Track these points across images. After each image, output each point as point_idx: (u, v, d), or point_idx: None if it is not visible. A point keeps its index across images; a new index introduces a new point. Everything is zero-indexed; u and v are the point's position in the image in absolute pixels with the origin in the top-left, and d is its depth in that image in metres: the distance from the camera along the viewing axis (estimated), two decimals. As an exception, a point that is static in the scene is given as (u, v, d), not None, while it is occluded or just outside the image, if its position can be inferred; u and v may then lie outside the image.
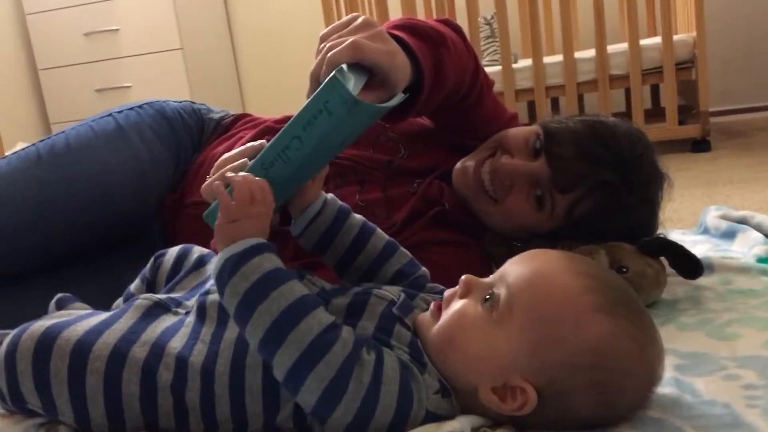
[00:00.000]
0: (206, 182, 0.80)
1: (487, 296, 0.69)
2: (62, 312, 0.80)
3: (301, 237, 0.84)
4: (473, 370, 0.67)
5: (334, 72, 0.76)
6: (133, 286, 0.90)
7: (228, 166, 0.79)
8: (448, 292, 0.73)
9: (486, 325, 0.67)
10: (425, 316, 0.73)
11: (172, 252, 0.89)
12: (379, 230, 0.85)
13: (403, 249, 0.84)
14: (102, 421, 0.71)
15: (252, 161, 0.77)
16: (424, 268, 0.84)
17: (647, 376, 0.68)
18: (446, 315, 0.70)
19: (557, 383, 0.64)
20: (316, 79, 0.82)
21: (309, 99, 0.75)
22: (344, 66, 0.79)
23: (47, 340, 0.71)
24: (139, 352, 0.72)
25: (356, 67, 0.81)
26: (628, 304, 0.68)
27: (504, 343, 0.65)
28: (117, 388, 0.70)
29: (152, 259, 0.90)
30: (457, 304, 0.70)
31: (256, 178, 0.74)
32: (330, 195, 0.85)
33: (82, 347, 0.71)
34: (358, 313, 0.72)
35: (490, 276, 0.72)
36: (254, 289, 0.66)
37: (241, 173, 0.74)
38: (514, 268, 0.70)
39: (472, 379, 0.67)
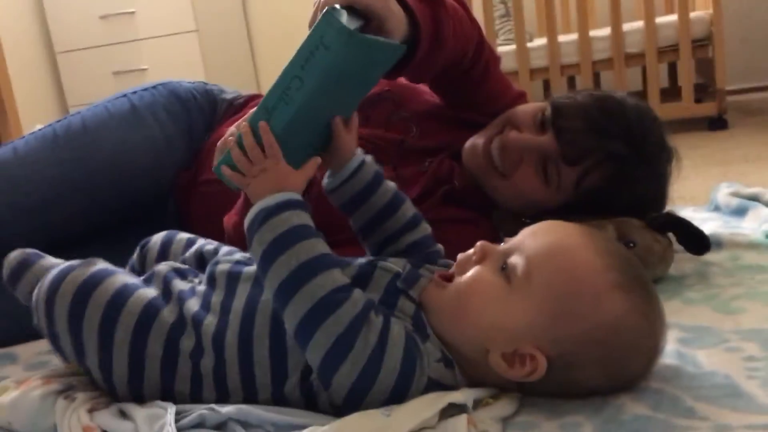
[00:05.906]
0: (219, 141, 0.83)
1: (504, 265, 0.69)
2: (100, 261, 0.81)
3: (332, 193, 0.85)
4: (485, 335, 0.68)
5: (327, 8, 0.75)
6: None
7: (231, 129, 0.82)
8: (461, 257, 0.74)
9: (503, 293, 0.68)
10: (431, 288, 0.74)
11: (157, 238, 0.92)
12: (409, 200, 0.86)
13: (425, 223, 0.85)
14: (122, 374, 0.74)
15: (254, 108, 0.77)
16: (439, 245, 0.85)
17: (652, 350, 0.70)
18: (462, 279, 0.71)
19: (568, 355, 0.66)
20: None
21: (306, 38, 0.74)
22: (338, 6, 0.78)
23: (87, 288, 0.74)
24: (167, 315, 0.75)
25: (351, 13, 0.80)
26: (641, 280, 0.69)
27: (520, 312, 0.67)
28: (143, 344, 0.73)
29: (138, 247, 0.93)
30: (473, 270, 0.71)
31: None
32: (368, 156, 0.86)
33: (117, 300, 0.74)
34: (363, 285, 0.73)
35: (503, 244, 0.73)
36: (278, 240, 0.69)
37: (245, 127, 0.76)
38: (532, 240, 0.70)
39: (483, 344, 0.68)
